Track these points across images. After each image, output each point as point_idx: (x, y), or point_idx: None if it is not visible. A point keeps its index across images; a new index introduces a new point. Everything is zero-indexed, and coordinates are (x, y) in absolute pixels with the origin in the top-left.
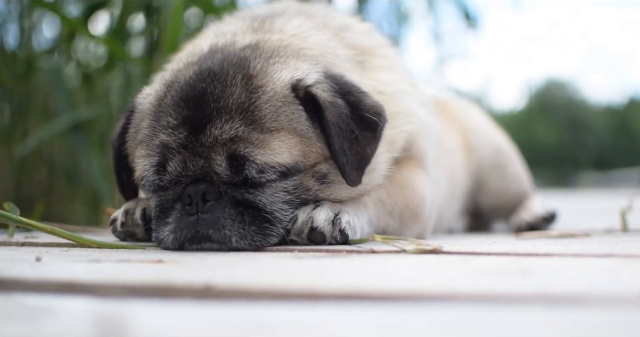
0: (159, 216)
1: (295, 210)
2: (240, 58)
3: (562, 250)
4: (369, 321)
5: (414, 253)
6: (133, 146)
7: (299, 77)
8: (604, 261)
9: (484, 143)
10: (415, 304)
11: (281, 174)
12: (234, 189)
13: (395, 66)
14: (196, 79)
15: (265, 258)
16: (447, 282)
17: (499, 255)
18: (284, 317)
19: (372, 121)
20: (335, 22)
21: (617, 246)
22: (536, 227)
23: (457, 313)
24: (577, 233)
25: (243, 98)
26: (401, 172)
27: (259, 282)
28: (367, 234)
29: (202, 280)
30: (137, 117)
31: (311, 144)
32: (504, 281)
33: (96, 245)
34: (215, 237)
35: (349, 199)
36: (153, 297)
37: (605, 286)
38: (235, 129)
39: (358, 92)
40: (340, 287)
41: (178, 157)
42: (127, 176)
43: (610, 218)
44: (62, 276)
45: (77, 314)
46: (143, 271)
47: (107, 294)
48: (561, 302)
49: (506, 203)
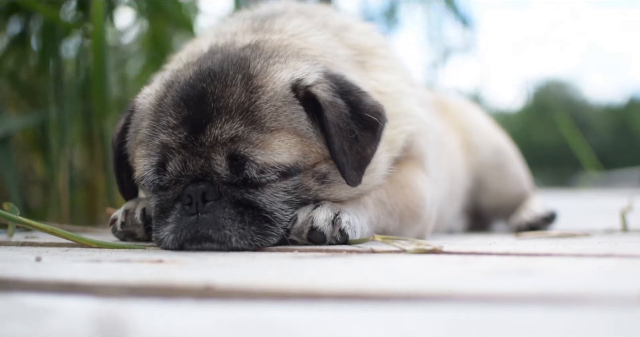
0: (159, 216)
1: (295, 210)
2: (240, 58)
3: (562, 250)
4: (369, 321)
5: (414, 253)
6: (133, 146)
7: (299, 77)
8: (604, 261)
9: (484, 143)
10: (415, 304)
11: (281, 174)
12: (234, 189)
13: (395, 66)
14: (196, 79)
15: (265, 258)
16: (447, 282)
17: (499, 255)
18: (284, 317)
19: (372, 121)
20: (335, 22)
21: (617, 246)
22: (536, 227)
23: (457, 313)
24: (577, 233)
25: (243, 98)
26: (401, 172)
27: (259, 282)
28: (367, 234)
29: (202, 280)
30: (137, 117)
31: (311, 144)
32: (504, 281)
33: (96, 245)
34: (215, 237)
35: (349, 199)
36: (153, 297)
37: (605, 286)
38: (235, 129)
39: (358, 92)
40: (340, 287)
41: (178, 157)
42: (127, 176)
43: (610, 218)
44: (62, 276)
45: (77, 314)
46: (143, 271)
47: (107, 294)
48: (561, 302)
49: (506, 203)
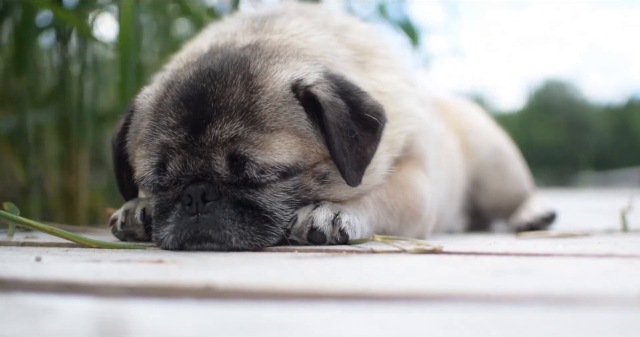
0: (159, 216)
1: (295, 210)
2: (240, 58)
3: (562, 250)
4: (369, 321)
5: (414, 253)
6: (133, 146)
7: (299, 77)
8: (604, 261)
9: (484, 143)
10: (415, 304)
11: (281, 174)
12: (234, 189)
13: (395, 66)
14: (196, 79)
15: (265, 258)
16: (447, 282)
17: (499, 255)
18: (284, 317)
19: (372, 121)
20: (335, 22)
21: (617, 246)
22: (536, 227)
23: (457, 313)
24: (577, 233)
25: (243, 98)
26: (401, 172)
27: (259, 282)
28: (367, 234)
29: (202, 280)
30: (137, 117)
31: (311, 144)
32: (504, 281)
33: (96, 245)
34: (215, 237)
35: (349, 199)
36: (153, 297)
37: (605, 286)
38: (235, 129)
39: (358, 92)
40: (340, 287)
41: (178, 157)
42: (127, 176)
43: (610, 218)
44: (62, 276)
45: (77, 314)
46: (143, 271)
47: (107, 294)
48: (561, 302)
49: (506, 203)
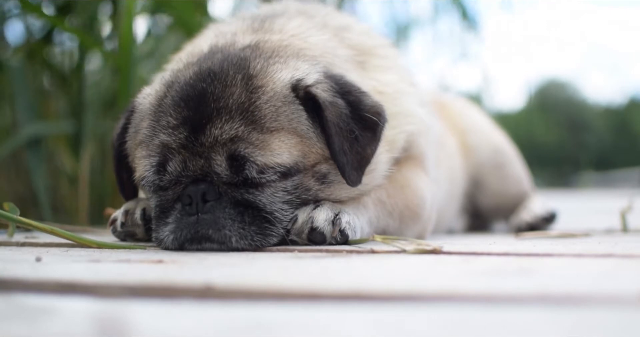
0: (159, 216)
1: (295, 210)
2: (240, 58)
3: (562, 250)
4: (369, 321)
5: (414, 253)
6: (133, 146)
7: (299, 77)
8: (604, 261)
9: (484, 143)
10: (415, 304)
11: (281, 175)
12: (234, 189)
13: (395, 66)
14: (196, 79)
15: (265, 258)
16: (447, 282)
17: (499, 255)
18: (284, 317)
19: (372, 121)
20: (335, 22)
21: (617, 246)
22: (536, 227)
23: (457, 313)
24: (577, 233)
25: (243, 98)
26: (401, 172)
27: (259, 282)
28: (367, 234)
29: (202, 280)
30: (137, 117)
31: (311, 144)
32: (504, 281)
33: (96, 245)
34: (215, 238)
35: (349, 199)
36: (153, 297)
37: (605, 286)
38: (235, 129)
39: (358, 92)
40: (340, 287)
41: (178, 157)
42: (127, 176)
43: (610, 218)
44: (62, 276)
45: (77, 314)
46: (143, 271)
47: (107, 294)
48: (561, 302)
49: (506, 203)
